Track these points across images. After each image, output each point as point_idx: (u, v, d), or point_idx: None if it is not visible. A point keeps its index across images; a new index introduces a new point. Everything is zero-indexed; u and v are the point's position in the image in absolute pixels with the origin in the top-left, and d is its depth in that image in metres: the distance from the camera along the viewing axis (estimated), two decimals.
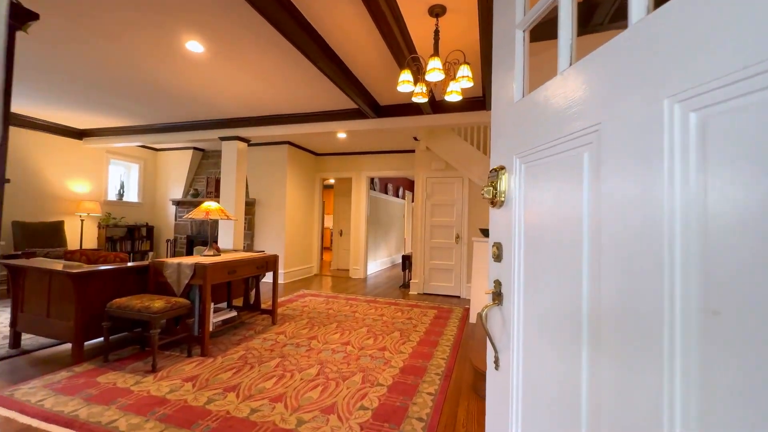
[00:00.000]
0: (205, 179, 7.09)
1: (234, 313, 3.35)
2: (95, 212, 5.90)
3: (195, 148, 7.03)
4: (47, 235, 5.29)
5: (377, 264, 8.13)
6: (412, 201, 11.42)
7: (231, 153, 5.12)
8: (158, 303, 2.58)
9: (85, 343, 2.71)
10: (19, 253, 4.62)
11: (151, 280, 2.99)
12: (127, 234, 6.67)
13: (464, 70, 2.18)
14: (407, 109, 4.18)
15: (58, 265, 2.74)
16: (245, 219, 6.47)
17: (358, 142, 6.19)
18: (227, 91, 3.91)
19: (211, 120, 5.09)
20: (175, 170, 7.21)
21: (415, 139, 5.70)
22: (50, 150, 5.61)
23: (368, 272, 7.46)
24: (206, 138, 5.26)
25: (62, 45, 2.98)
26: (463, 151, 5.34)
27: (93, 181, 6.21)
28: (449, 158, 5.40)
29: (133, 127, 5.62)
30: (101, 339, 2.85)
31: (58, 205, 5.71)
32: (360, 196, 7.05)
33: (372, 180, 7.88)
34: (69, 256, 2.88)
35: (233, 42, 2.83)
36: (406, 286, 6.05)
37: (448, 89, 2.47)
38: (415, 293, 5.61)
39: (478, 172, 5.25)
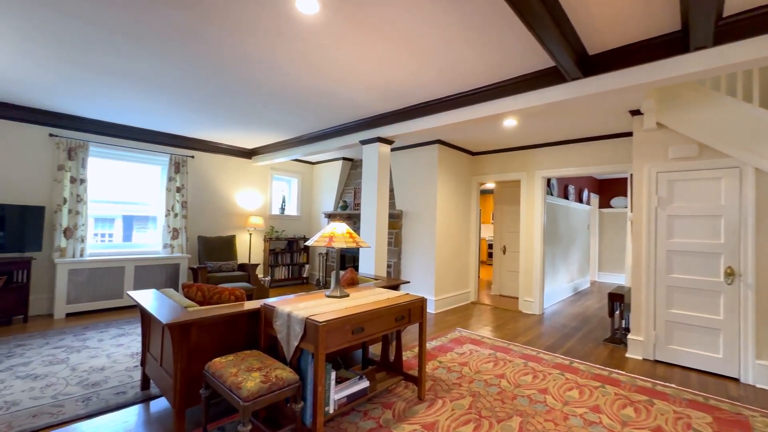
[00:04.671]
0: (353, 190, 6.71)
1: (365, 384, 2.32)
2: (260, 227, 6.17)
3: (344, 158, 6.75)
4: (222, 249, 5.70)
5: (555, 293, 6.08)
6: (599, 207, 8.62)
7: (372, 158, 4.32)
8: (252, 381, 1.74)
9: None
10: (195, 267, 4.98)
11: (262, 330, 2.25)
12: (287, 246, 6.88)
13: None
14: (644, 51, 2.35)
15: (172, 309, 2.27)
16: (390, 234, 5.67)
17: (531, 131, 4.50)
18: (361, 77, 3.01)
19: (352, 122, 4.42)
20: (327, 182, 7.11)
21: (634, 113, 3.62)
22: (226, 170, 6.13)
23: (545, 304, 5.56)
24: (349, 143, 4.64)
25: (189, 41, 2.62)
26: (740, 120, 3.00)
27: (259, 197, 6.59)
28: (708, 136, 3.14)
29: (288, 140, 5.56)
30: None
31: (232, 220, 6.19)
32: (533, 204, 5.27)
33: (548, 181, 5.94)
34: (186, 290, 2.46)
35: None
36: (617, 341, 3.95)
37: None
38: (640, 358, 3.50)
39: None
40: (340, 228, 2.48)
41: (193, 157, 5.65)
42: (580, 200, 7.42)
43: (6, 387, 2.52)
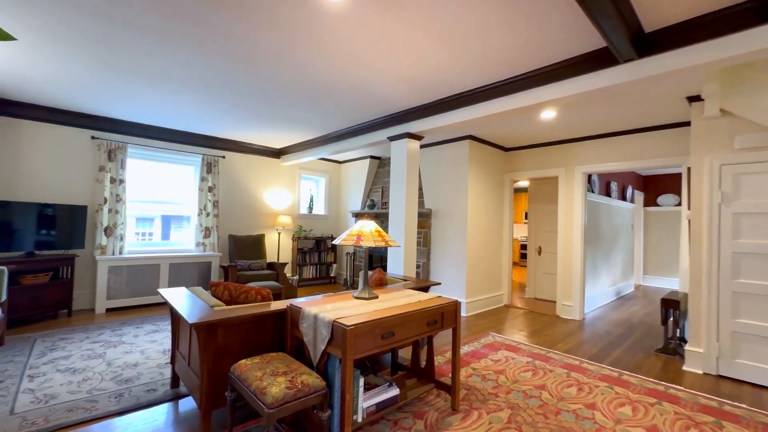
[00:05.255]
0: (380, 189, 6.60)
1: (395, 392, 2.19)
2: (289, 226, 6.19)
3: (372, 157, 6.65)
4: (252, 247, 5.76)
5: (597, 297, 5.68)
6: (644, 205, 8.03)
7: (400, 155, 4.18)
8: (277, 386, 1.65)
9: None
10: (226, 265, 5.04)
11: (288, 332, 2.17)
12: (314, 246, 6.87)
13: None
14: (712, 24, 2.07)
15: (201, 309, 2.24)
16: (419, 233, 5.50)
17: (570, 123, 4.19)
18: (390, 69, 2.89)
19: (379, 118, 4.30)
20: (355, 181, 7.05)
21: (693, 99, 3.26)
22: (255, 170, 6.20)
23: (585, 309, 5.19)
24: (377, 140, 4.52)
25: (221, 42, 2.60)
26: None
27: (288, 196, 6.63)
28: None
29: (315, 139, 5.52)
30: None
31: (261, 219, 6.26)
32: (572, 202, 4.94)
33: (589, 178, 5.56)
34: (213, 289, 2.43)
35: None
36: (671, 352, 3.59)
37: None
38: (700, 372, 3.14)
39: None
40: (369, 226, 2.36)
41: (224, 157, 5.74)
42: (624, 198, 6.92)
43: (47, 380, 2.60)
